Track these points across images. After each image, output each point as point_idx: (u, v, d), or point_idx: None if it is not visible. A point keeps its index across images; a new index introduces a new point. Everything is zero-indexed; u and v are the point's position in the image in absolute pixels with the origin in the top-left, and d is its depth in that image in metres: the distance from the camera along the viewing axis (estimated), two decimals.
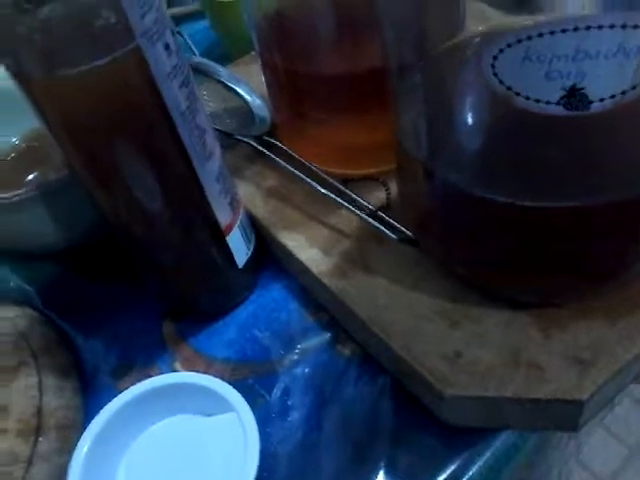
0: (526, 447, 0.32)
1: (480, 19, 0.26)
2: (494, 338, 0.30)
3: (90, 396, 0.36)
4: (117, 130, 0.28)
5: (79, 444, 0.30)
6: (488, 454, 0.30)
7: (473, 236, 0.30)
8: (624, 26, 0.19)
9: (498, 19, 0.24)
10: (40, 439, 0.32)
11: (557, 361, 0.28)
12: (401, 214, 0.34)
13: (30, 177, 0.46)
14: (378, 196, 0.37)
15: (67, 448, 0.33)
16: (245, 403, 0.30)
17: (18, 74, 0.26)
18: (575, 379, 0.27)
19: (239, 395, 0.30)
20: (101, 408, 0.31)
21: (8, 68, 0.26)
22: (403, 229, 0.34)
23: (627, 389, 0.35)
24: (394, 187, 0.37)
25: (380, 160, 0.37)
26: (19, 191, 0.37)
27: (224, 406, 0.30)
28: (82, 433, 0.31)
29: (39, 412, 0.33)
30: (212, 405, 0.31)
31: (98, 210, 0.33)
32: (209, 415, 0.32)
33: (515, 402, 0.28)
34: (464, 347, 0.30)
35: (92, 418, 0.31)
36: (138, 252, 0.35)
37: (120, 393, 0.32)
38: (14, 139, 0.47)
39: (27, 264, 0.44)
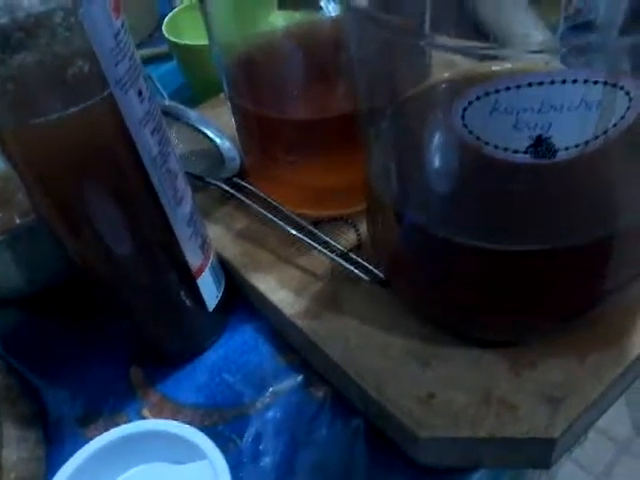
0: None
1: (446, 65, 0.27)
2: (466, 378, 0.30)
3: (55, 446, 0.35)
4: (88, 176, 0.28)
5: None
6: None
7: (442, 277, 0.30)
8: (586, 81, 0.20)
9: (463, 66, 0.25)
10: None
11: (528, 399, 0.29)
12: (372, 255, 0.35)
13: None
14: (349, 237, 0.38)
15: None
16: (217, 450, 0.29)
17: None
18: (546, 417, 0.28)
19: (211, 442, 0.30)
20: (66, 459, 0.30)
21: None
22: (374, 270, 0.34)
23: None
24: (364, 228, 0.37)
25: (350, 202, 0.38)
26: None
27: (196, 453, 0.30)
28: None
29: None
30: (184, 453, 0.30)
31: (66, 254, 0.32)
32: (181, 463, 0.31)
33: (489, 442, 0.28)
34: (437, 388, 0.30)
35: (56, 469, 0.30)
36: (107, 295, 0.34)
37: (87, 442, 0.31)
38: None
39: None
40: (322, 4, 0.35)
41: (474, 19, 0.27)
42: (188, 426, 0.30)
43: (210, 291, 0.36)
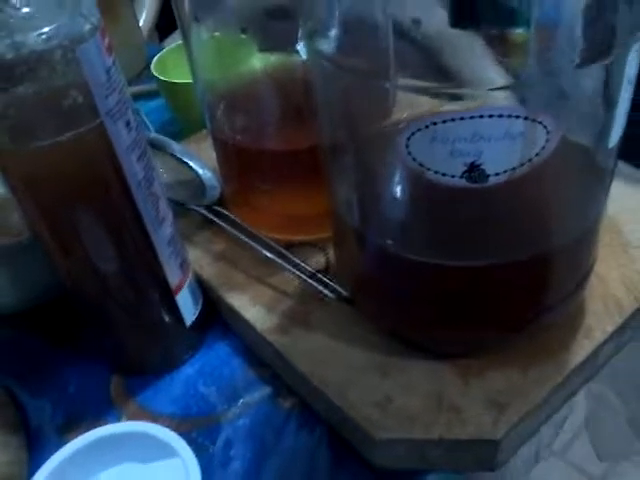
0: None
1: (408, 105, 0.31)
2: (420, 386, 0.33)
3: (36, 452, 0.37)
4: (78, 197, 0.31)
5: None
6: None
7: (399, 295, 0.33)
8: (509, 116, 0.23)
9: (424, 107, 0.29)
10: None
11: (475, 405, 0.31)
12: (338, 276, 0.38)
13: None
14: (318, 259, 0.41)
15: None
16: (189, 449, 0.32)
17: None
18: (491, 421, 0.31)
19: (183, 441, 0.32)
20: None
21: None
22: (340, 289, 0.37)
23: (550, 442, 0.38)
24: (332, 251, 0.40)
25: (319, 227, 0.41)
26: None
27: (168, 452, 0.32)
28: None
29: None
30: (156, 452, 0.32)
31: (55, 272, 0.35)
32: (154, 462, 0.33)
33: (439, 443, 0.31)
34: (394, 394, 0.32)
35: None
36: (91, 311, 0.37)
37: None
38: None
39: None
40: (299, 48, 0.39)
41: (437, 61, 0.31)
42: (161, 427, 0.33)
43: (188, 308, 0.39)
